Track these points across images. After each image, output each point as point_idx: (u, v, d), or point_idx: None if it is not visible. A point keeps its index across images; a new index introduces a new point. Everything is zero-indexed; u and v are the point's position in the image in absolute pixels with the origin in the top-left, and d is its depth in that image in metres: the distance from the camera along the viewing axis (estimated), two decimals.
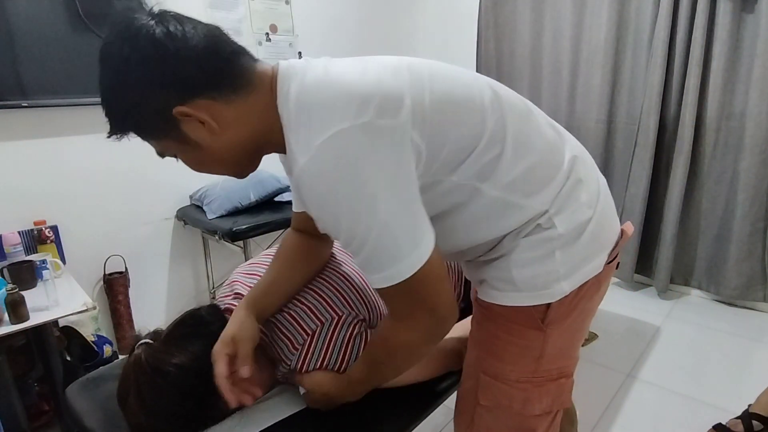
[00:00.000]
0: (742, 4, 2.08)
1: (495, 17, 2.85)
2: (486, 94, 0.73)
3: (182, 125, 0.65)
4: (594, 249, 0.78)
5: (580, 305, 0.80)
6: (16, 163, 1.84)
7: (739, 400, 1.59)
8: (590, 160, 0.85)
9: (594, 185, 0.81)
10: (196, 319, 0.92)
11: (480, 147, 0.69)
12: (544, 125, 0.79)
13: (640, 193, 2.43)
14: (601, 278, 0.81)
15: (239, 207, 2.17)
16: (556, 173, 0.76)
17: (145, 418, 0.83)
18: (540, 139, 0.76)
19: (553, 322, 0.78)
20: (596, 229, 0.77)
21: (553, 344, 0.80)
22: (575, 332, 0.84)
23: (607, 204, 0.82)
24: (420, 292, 0.67)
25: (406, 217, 0.63)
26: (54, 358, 1.55)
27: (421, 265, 0.64)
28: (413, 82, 0.66)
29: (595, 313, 0.89)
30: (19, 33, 1.73)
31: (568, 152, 0.78)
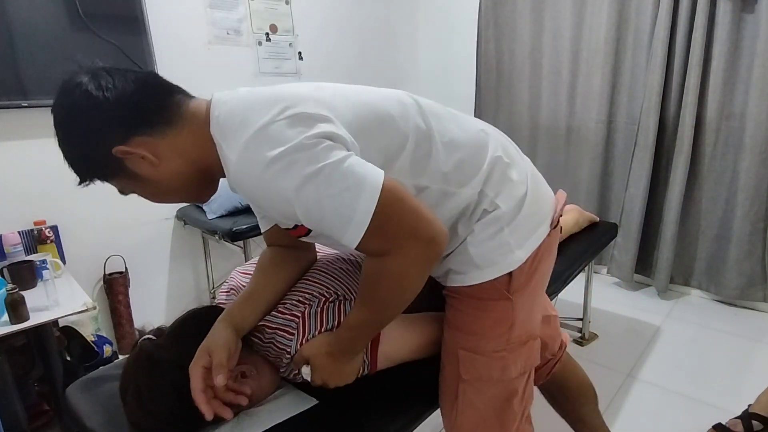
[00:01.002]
0: (742, 4, 2.08)
1: (495, 17, 2.85)
2: (408, 104, 0.82)
3: (126, 163, 0.73)
4: (538, 218, 0.89)
5: (538, 270, 0.90)
6: (16, 163, 1.84)
7: (739, 400, 1.59)
8: (514, 147, 0.96)
9: (522, 165, 0.91)
10: (198, 319, 0.92)
11: (408, 148, 0.78)
12: (466, 124, 0.89)
13: (640, 193, 2.43)
14: (551, 242, 0.93)
15: (239, 207, 2.17)
16: (483, 163, 0.85)
17: (142, 416, 0.83)
18: (464, 135, 0.85)
19: (518, 290, 0.87)
20: (533, 201, 0.88)
21: (521, 310, 0.89)
22: (537, 295, 0.95)
23: (537, 180, 0.94)
24: (392, 222, 0.68)
25: (343, 168, 0.66)
26: (54, 358, 1.55)
27: (377, 197, 0.65)
28: (335, 96, 0.75)
29: (549, 277, 0.99)
30: (19, 33, 1.73)
31: (491, 142, 0.88)
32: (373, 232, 0.66)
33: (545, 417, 1.27)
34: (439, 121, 0.84)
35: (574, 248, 1.82)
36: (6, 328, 1.34)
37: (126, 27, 1.97)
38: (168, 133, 0.72)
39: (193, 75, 2.22)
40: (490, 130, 0.93)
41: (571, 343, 2.11)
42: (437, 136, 0.81)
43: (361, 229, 0.66)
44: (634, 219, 2.47)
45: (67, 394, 1.01)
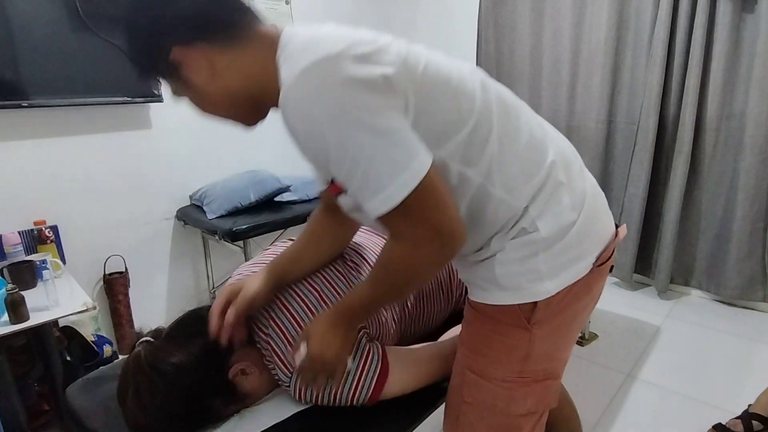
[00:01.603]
0: (742, 4, 2.08)
1: (495, 17, 2.85)
2: (478, 82, 0.75)
3: (183, 66, 0.71)
4: (580, 251, 0.79)
5: (570, 307, 0.81)
6: (16, 163, 1.84)
7: (739, 400, 1.59)
8: (578, 163, 0.85)
9: (579, 188, 0.81)
10: (197, 319, 0.92)
11: (467, 128, 0.71)
12: (532, 123, 0.80)
13: (640, 193, 2.43)
14: (591, 281, 0.81)
15: (239, 207, 2.17)
16: (537, 171, 0.76)
17: (142, 417, 0.83)
18: (525, 134, 0.77)
19: (540, 322, 0.79)
20: (582, 232, 0.78)
21: (540, 345, 0.80)
22: (564, 334, 0.84)
23: (596, 207, 0.82)
24: (422, 210, 0.65)
25: (396, 135, 0.63)
26: (54, 358, 1.55)
27: (418, 181, 0.63)
28: (410, 52, 0.69)
29: (586, 318, 0.89)
30: (19, 33, 1.73)
31: (551, 153, 0.78)
32: (399, 212, 0.65)
33: None
34: (505, 108, 0.76)
35: None
36: (6, 328, 1.34)
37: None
38: (231, 49, 0.70)
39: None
40: (553, 134, 0.84)
41: None
42: (497, 124, 0.73)
43: (389, 203, 0.64)
44: (633, 219, 2.47)
45: (67, 394, 1.01)
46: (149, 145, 2.18)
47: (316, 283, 0.94)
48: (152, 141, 2.19)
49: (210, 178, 2.36)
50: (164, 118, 2.20)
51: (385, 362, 0.89)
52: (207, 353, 0.86)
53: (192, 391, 0.83)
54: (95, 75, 1.91)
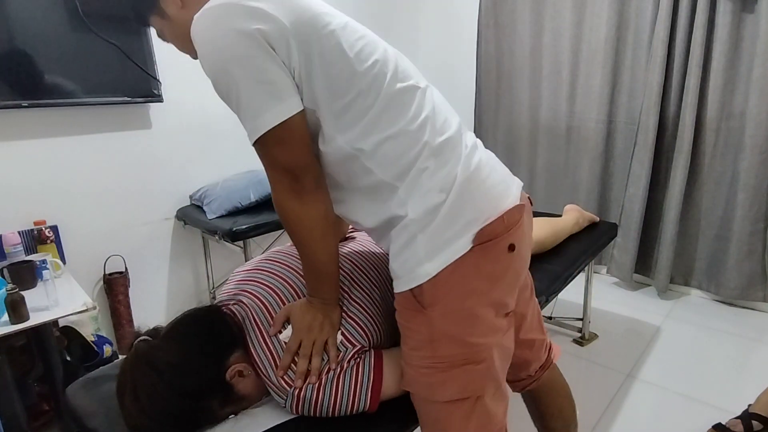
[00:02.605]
0: (742, 4, 2.08)
1: (495, 17, 2.85)
2: (388, 61, 0.82)
3: (160, 1, 0.85)
4: (454, 231, 0.80)
5: (458, 287, 0.81)
6: (16, 163, 1.84)
7: (739, 400, 1.59)
8: (461, 145, 0.85)
9: (450, 171, 0.81)
10: (196, 319, 0.92)
11: (350, 95, 0.78)
12: (424, 105, 0.83)
13: (640, 193, 2.43)
14: (479, 260, 0.81)
15: (239, 207, 2.17)
16: (407, 152, 0.80)
17: (139, 416, 0.83)
18: (408, 114, 0.81)
19: (432, 304, 0.80)
20: (452, 213, 0.80)
21: (441, 327, 0.81)
22: (465, 317, 0.82)
23: (469, 188, 0.82)
24: (274, 153, 0.77)
25: (260, 83, 0.74)
26: (54, 358, 1.55)
27: (279, 121, 0.74)
28: (319, 15, 0.78)
29: (494, 299, 0.84)
30: (19, 33, 1.73)
31: (427, 135, 0.81)
32: (258, 148, 0.78)
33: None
34: (398, 88, 0.81)
35: (574, 248, 1.82)
36: (6, 328, 1.34)
37: (126, 27, 1.97)
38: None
39: (193, 75, 2.22)
40: (442, 116, 0.86)
41: (571, 342, 2.11)
42: (382, 100, 0.79)
43: (252, 135, 0.76)
44: (634, 219, 2.47)
45: (67, 394, 1.01)
46: (149, 145, 2.18)
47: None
48: (152, 141, 2.19)
49: (210, 178, 2.36)
50: (164, 118, 2.20)
51: (377, 369, 0.89)
52: (205, 353, 0.86)
53: (189, 391, 0.83)
54: (95, 75, 1.91)
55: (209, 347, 0.87)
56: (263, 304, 0.93)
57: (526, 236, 0.88)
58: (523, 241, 0.86)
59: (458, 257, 0.79)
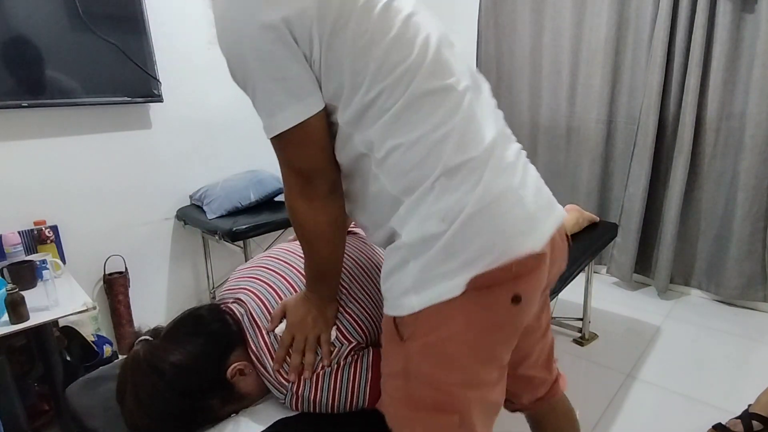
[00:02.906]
0: (742, 4, 2.08)
1: (495, 17, 2.85)
2: (424, 41, 0.72)
3: None
4: (448, 269, 0.70)
5: (443, 329, 0.71)
6: (16, 163, 1.84)
7: (739, 400, 1.59)
8: (478, 171, 0.71)
9: (459, 199, 0.70)
10: (196, 319, 0.92)
11: (374, 91, 0.69)
12: (457, 110, 0.72)
13: (640, 193, 2.43)
14: (470, 308, 0.70)
15: (239, 207, 2.17)
16: (420, 167, 0.70)
17: (140, 416, 0.83)
18: (437, 117, 0.70)
19: (411, 338, 0.73)
20: (450, 248, 0.69)
21: (418, 363, 0.74)
22: (445, 361, 0.73)
23: (478, 224, 0.70)
24: (288, 152, 0.73)
25: (286, 73, 0.68)
26: (54, 358, 1.55)
27: (294, 123, 0.69)
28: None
29: (479, 352, 0.74)
30: (19, 33, 1.73)
31: (446, 155, 0.70)
32: (274, 145, 0.73)
33: None
34: (428, 89, 0.71)
35: (574, 248, 1.81)
36: (6, 328, 1.34)
37: (126, 27, 1.97)
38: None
39: (193, 75, 2.22)
40: (479, 134, 0.73)
41: (571, 342, 2.11)
42: (404, 101, 0.69)
43: (268, 132, 0.71)
44: (633, 219, 2.47)
45: (67, 394, 1.01)
46: (149, 145, 2.18)
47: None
48: (152, 141, 2.19)
49: (210, 178, 2.36)
50: (164, 118, 2.20)
51: (376, 366, 0.88)
52: (205, 353, 0.86)
53: (190, 390, 0.83)
54: (95, 75, 1.91)
55: (210, 346, 0.87)
56: (261, 301, 0.93)
57: (540, 286, 0.76)
58: (535, 293, 0.75)
59: (447, 299, 0.70)
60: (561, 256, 0.84)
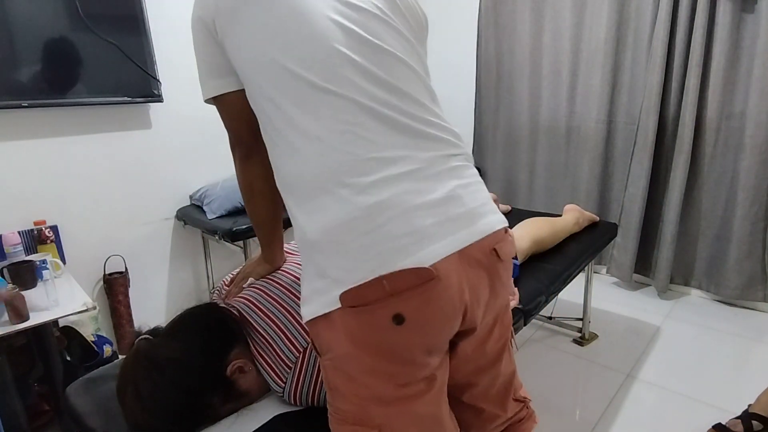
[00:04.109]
0: (742, 4, 2.08)
1: (495, 17, 2.85)
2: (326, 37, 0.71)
3: None
4: (324, 283, 0.67)
5: (336, 347, 0.68)
6: (16, 163, 1.84)
7: (739, 400, 1.59)
8: (373, 176, 0.67)
9: (324, 206, 0.67)
10: (196, 317, 0.92)
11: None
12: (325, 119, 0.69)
13: (640, 192, 2.43)
14: (352, 326, 0.66)
15: (239, 207, 2.17)
16: (289, 161, 0.72)
17: (141, 414, 0.83)
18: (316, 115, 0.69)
19: (321, 353, 0.72)
20: (318, 260, 0.68)
21: (331, 378, 0.72)
22: (349, 377, 0.70)
23: (348, 235, 0.65)
24: (221, 115, 0.86)
25: (201, 60, 0.81)
26: (54, 358, 1.55)
27: (210, 96, 0.83)
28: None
29: (385, 371, 0.69)
30: (19, 33, 1.73)
31: (320, 153, 0.68)
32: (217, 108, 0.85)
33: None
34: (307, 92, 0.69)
35: (574, 248, 1.82)
36: (6, 328, 1.34)
37: (126, 27, 1.97)
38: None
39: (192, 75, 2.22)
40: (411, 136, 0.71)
41: (571, 342, 2.11)
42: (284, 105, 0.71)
43: (203, 96, 0.84)
44: (633, 219, 2.47)
45: (67, 394, 1.01)
46: (149, 145, 2.18)
47: (297, 291, 0.94)
48: (152, 141, 2.19)
49: (210, 178, 2.36)
50: (164, 118, 2.21)
51: None
52: (206, 350, 0.86)
53: (190, 387, 0.83)
54: (95, 75, 1.91)
55: (210, 344, 0.87)
56: (250, 301, 0.96)
57: (440, 307, 0.67)
58: (430, 314, 0.67)
59: (325, 312, 0.67)
60: (486, 274, 0.73)
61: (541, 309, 1.54)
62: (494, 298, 0.76)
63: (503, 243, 0.75)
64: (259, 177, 0.90)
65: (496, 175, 3.04)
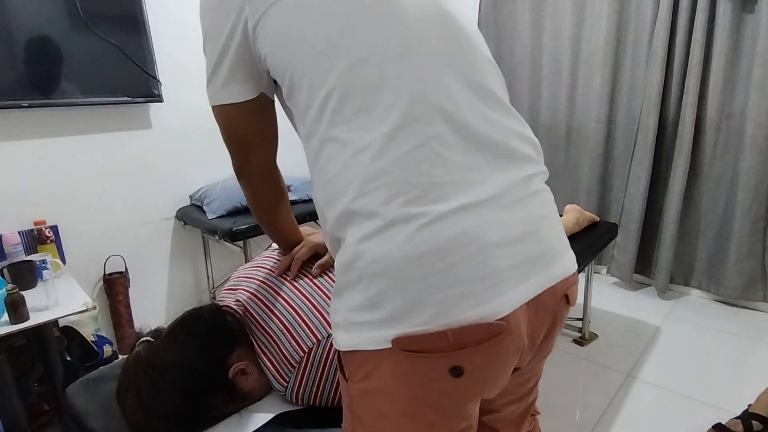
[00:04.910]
0: (742, 4, 2.08)
1: (495, 17, 2.85)
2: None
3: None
4: (372, 317, 0.58)
5: (376, 380, 0.60)
6: (16, 163, 1.84)
7: (739, 400, 1.59)
8: (446, 201, 0.57)
9: (386, 233, 0.56)
10: (197, 319, 0.92)
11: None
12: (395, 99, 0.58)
13: (640, 193, 2.43)
14: (402, 371, 0.58)
15: (239, 207, 2.17)
16: (342, 175, 0.60)
17: (143, 417, 0.83)
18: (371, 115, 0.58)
19: (350, 379, 0.64)
20: (374, 292, 0.57)
21: (358, 407, 0.65)
22: (381, 414, 0.62)
23: (411, 271, 0.56)
24: (219, 123, 0.80)
25: (218, 57, 0.76)
26: (54, 358, 1.55)
27: (215, 104, 0.78)
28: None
29: (425, 421, 0.62)
30: (19, 33, 1.73)
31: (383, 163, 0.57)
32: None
33: None
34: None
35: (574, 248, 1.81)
36: (6, 328, 1.34)
37: (126, 27, 1.97)
38: None
39: (193, 75, 2.22)
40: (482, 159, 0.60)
41: (571, 342, 2.11)
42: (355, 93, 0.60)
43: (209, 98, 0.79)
44: (634, 219, 2.47)
45: (67, 394, 1.01)
46: (149, 145, 2.18)
47: (305, 290, 0.94)
48: (152, 141, 2.19)
49: (210, 178, 2.36)
50: (164, 118, 2.20)
51: None
52: (207, 353, 0.86)
53: (192, 389, 0.83)
54: (95, 75, 1.91)
55: (211, 346, 0.87)
56: (260, 299, 0.94)
57: (501, 360, 0.61)
58: (490, 366, 0.60)
59: (373, 350, 0.59)
60: (551, 320, 0.66)
61: None
62: (548, 341, 0.69)
63: (574, 287, 0.68)
64: (258, 192, 0.92)
65: None
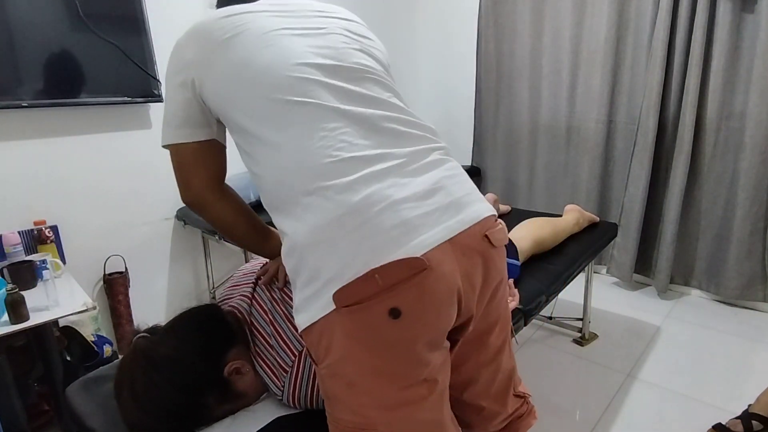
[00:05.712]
0: (742, 4, 2.08)
1: (495, 17, 2.85)
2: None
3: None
4: (316, 287, 0.67)
5: (335, 351, 0.67)
6: (16, 163, 1.84)
7: (739, 400, 1.59)
8: (353, 174, 0.68)
9: (338, 207, 0.66)
10: (194, 316, 0.92)
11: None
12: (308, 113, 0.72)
13: (640, 193, 2.43)
14: (349, 326, 0.66)
15: None
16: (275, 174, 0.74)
17: (137, 413, 0.83)
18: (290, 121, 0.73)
19: (318, 361, 0.71)
20: (309, 264, 0.68)
21: (330, 387, 0.71)
22: (349, 383, 0.68)
23: (337, 232, 0.66)
24: (174, 163, 0.90)
25: (170, 101, 0.85)
26: (54, 358, 1.55)
27: (167, 143, 0.88)
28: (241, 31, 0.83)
29: (386, 370, 0.68)
30: (19, 33, 1.73)
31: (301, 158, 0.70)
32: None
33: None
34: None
35: (574, 248, 1.82)
36: (6, 328, 1.34)
37: (126, 27, 1.96)
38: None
39: None
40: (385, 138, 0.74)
41: (571, 342, 2.11)
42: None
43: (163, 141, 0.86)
44: (633, 219, 2.47)
45: (67, 394, 1.01)
46: (149, 145, 2.18)
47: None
48: (152, 141, 2.19)
49: None
50: None
51: None
52: (203, 349, 0.86)
53: (186, 386, 0.83)
54: (95, 75, 1.91)
55: (207, 343, 0.87)
56: (255, 300, 0.96)
57: (436, 297, 0.67)
58: (427, 305, 0.67)
59: (322, 317, 0.66)
60: (481, 260, 0.73)
61: (542, 309, 1.54)
62: (488, 285, 0.76)
63: (494, 230, 0.75)
64: (215, 214, 0.95)
65: (496, 175, 3.04)
